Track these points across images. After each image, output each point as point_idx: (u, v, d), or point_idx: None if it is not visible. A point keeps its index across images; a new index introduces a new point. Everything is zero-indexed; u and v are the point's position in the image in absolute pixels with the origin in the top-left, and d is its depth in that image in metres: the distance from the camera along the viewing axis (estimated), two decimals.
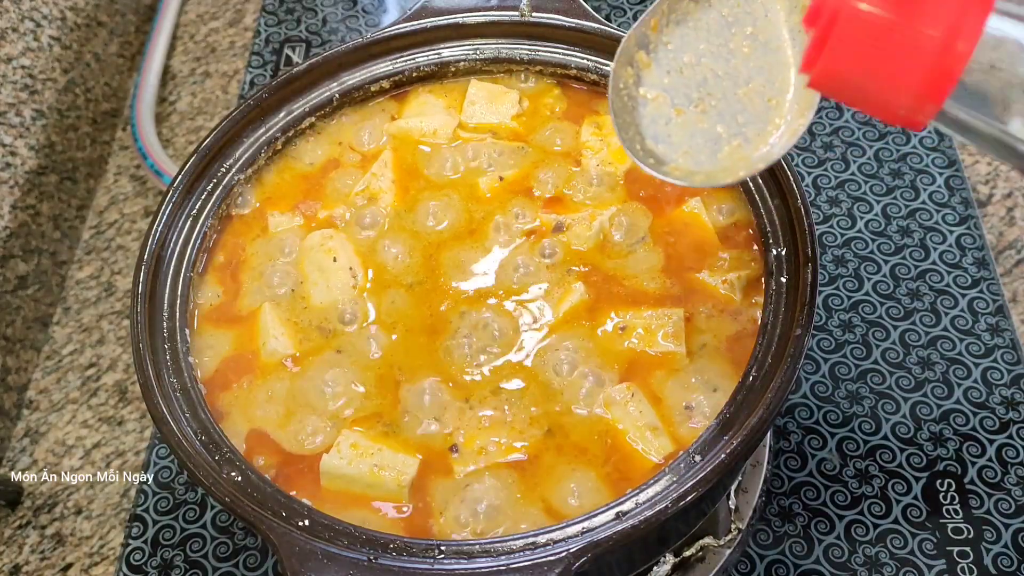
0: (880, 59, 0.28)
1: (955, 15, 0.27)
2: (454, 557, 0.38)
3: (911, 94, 0.28)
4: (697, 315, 0.46)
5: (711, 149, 0.40)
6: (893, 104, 0.29)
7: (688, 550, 0.50)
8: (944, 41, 0.27)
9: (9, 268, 0.65)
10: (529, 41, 0.56)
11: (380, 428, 0.44)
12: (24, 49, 0.70)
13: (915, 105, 0.28)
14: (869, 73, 0.28)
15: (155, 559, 0.55)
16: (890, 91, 0.28)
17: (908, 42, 0.27)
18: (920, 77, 0.27)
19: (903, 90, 0.28)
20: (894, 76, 0.28)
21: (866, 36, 0.28)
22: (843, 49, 0.28)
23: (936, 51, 0.27)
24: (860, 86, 0.29)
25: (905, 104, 0.28)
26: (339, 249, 0.50)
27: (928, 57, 0.27)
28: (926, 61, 0.27)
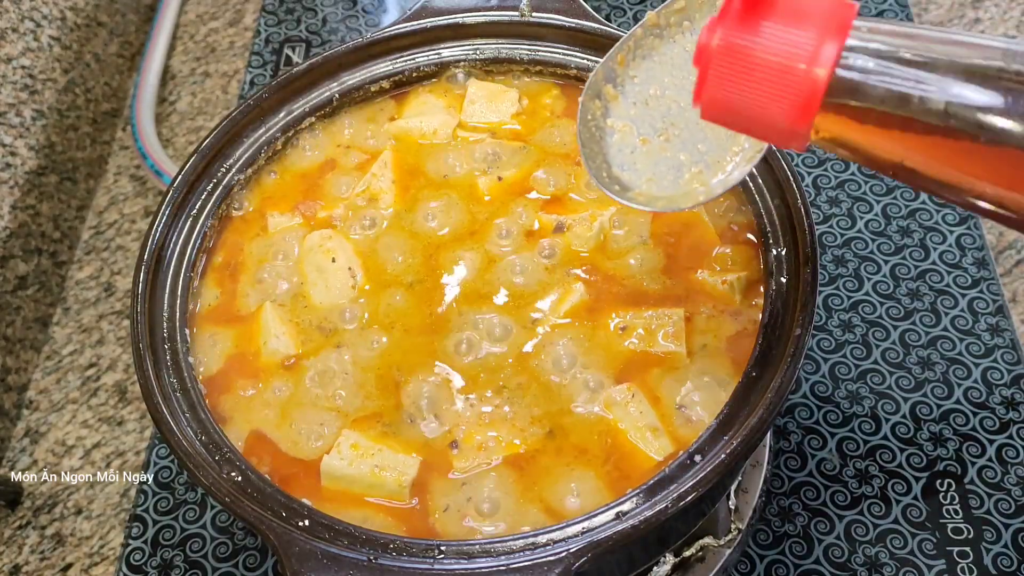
0: (752, 89, 0.31)
1: (813, 45, 0.29)
2: (454, 557, 0.38)
3: (784, 118, 0.30)
4: (697, 315, 0.46)
5: (674, 176, 0.42)
6: (773, 128, 0.31)
7: (688, 550, 0.50)
8: (806, 70, 0.29)
9: (9, 268, 0.65)
10: (529, 41, 0.56)
11: (380, 428, 0.44)
12: (24, 49, 0.70)
13: (790, 128, 0.31)
14: (745, 102, 0.31)
15: (155, 559, 0.55)
16: (767, 117, 0.31)
17: (774, 72, 0.30)
18: (789, 103, 0.30)
19: (777, 115, 0.30)
20: (767, 103, 0.31)
21: (736, 69, 0.31)
22: (719, 82, 0.31)
23: (799, 78, 0.30)
24: (741, 114, 0.32)
25: (783, 127, 0.31)
26: (338, 249, 0.50)
27: (792, 84, 0.30)
28: (791, 88, 0.30)
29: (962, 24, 0.79)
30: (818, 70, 0.29)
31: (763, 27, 0.30)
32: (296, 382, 0.46)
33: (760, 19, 0.30)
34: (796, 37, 0.30)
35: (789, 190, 0.46)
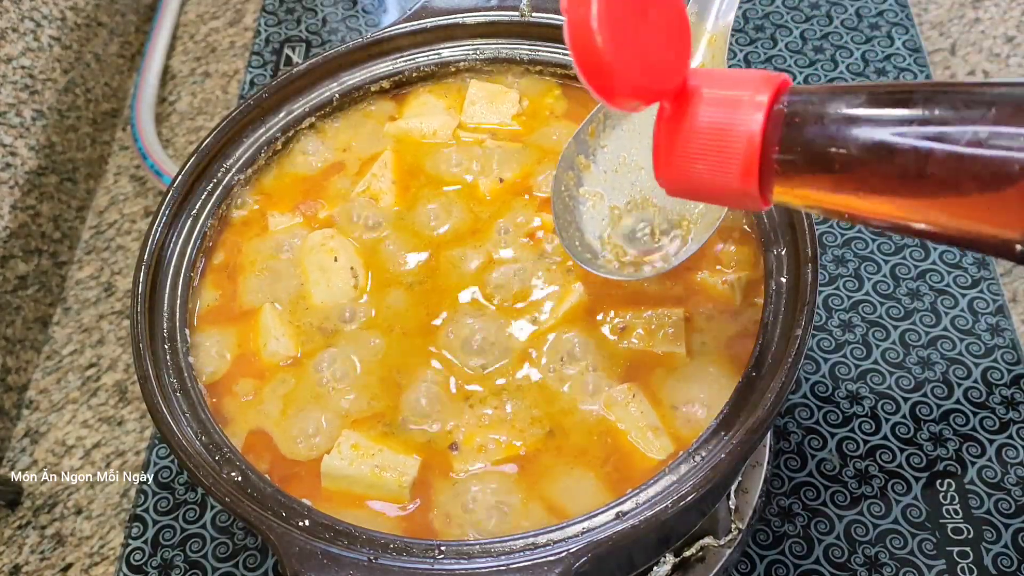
0: (699, 163, 0.33)
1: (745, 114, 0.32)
2: (454, 557, 0.38)
3: (733, 181, 0.33)
4: (697, 315, 0.46)
5: (642, 244, 0.45)
6: (728, 193, 0.34)
7: (688, 550, 0.50)
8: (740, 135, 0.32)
9: (9, 268, 0.65)
10: (529, 41, 0.56)
11: (381, 428, 0.44)
12: (24, 49, 0.70)
13: (741, 189, 0.33)
14: (696, 176, 0.34)
15: (155, 559, 0.55)
16: (718, 184, 0.33)
17: (713, 144, 0.33)
18: (732, 167, 0.33)
19: (726, 180, 0.33)
20: (714, 172, 0.33)
21: (682, 149, 0.34)
22: (669, 163, 0.34)
23: (734, 144, 0.32)
24: (697, 187, 0.35)
25: (735, 190, 0.33)
26: (340, 249, 0.50)
27: (730, 150, 0.32)
28: (730, 154, 0.32)
29: (962, 24, 0.79)
30: (751, 132, 0.32)
31: (698, 111, 0.33)
32: (296, 382, 0.46)
33: (694, 106, 0.33)
34: (727, 112, 0.32)
35: None
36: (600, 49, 0.31)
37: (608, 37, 0.31)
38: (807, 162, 0.32)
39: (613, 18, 0.31)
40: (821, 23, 0.78)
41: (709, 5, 0.44)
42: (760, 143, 0.32)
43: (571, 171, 0.46)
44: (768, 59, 0.76)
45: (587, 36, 0.31)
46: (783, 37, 0.77)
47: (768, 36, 0.78)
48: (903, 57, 0.75)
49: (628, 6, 0.32)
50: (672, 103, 0.34)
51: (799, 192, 0.33)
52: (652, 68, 0.32)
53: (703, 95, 0.33)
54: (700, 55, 0.44)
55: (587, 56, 0.32)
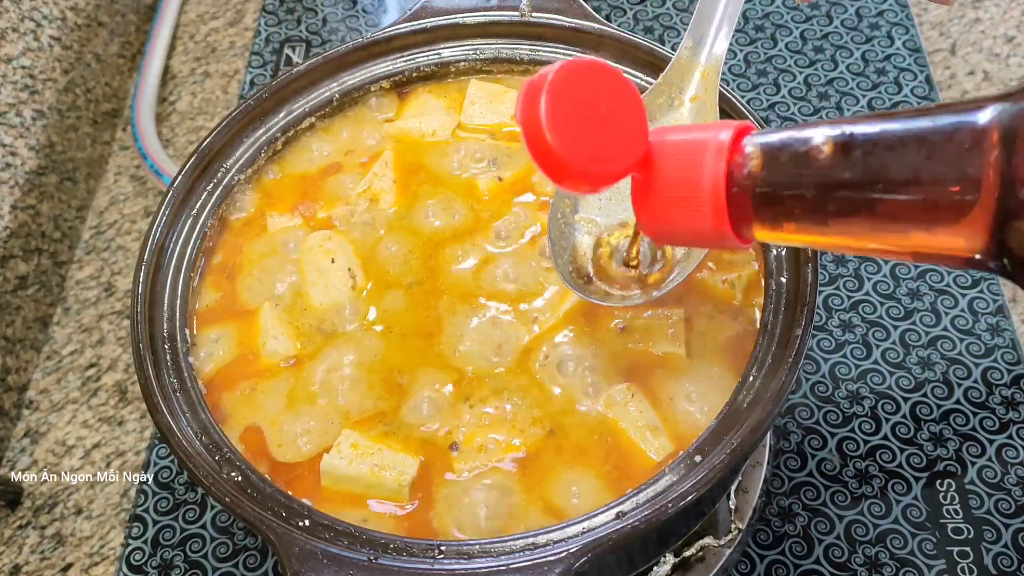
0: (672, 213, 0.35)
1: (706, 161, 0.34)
2: (454, 557, 0.38)
3: (707, 225, 0.35)
4: (697, 315, 0.46)
5: (636, 270, 0.45)
6: (706, 236, 0.35)
7: (688, 550, 0.50)
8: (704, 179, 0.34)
9: (9, 268, 0.65)
10: (529, 41, 0.56)
11: (380, 428, 0.44)
12: (24, 49, 0.70)
13: (717, 231, 0.35)
14: (674, 226, 0.36)
15: (155, 559, 0.55)
16: (695, 230, 0.35)
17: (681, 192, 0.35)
18: (703, 211, 0.34)
19: (701, 225, 0.35)
20: (688, 219, 0.35)
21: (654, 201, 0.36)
22: (648, 217, 0.37)
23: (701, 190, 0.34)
24: (676, 234, 0.37)
25: (711, 232, 0.35)
26: (338, 250, 0.50)
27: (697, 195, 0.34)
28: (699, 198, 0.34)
29: (962, 24, 0.79)
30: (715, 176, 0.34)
31: (664, 167, 0.35)
32: (295, 382, 0.46)
33: (659, 169, 0.35)
34: (692, 161, 0.34)
35: None
36: (553, 147, 0.33)
37: (558, 137, 0.33)
38: (771, 202, 0.33)
39: (562, 119, 0.33)
40: (821, 23, 0.78)
41: (704, 40, 0.45)
42: (724, 187, 0.34)
43: (567, 198, 0.47)
44: (768, 59, 0.76)
45: (539, 136, 0.33)
46: (783, 37, 0.77)
47: (768, 36, 0.78)
48: (903, 57, 0.75)
49: (577, 104, 0.34)
50: (639, 170, 0.36)
51: (771, 229, 0.34)
52: (608, 154, 0.34)
53: (665, 153, 0.35)
54: (693, 88, 0.46)
55: (543, 155, 0.34)
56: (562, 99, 0.33)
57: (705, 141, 0.34)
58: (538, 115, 0.33)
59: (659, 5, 0.81)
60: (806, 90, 0.74)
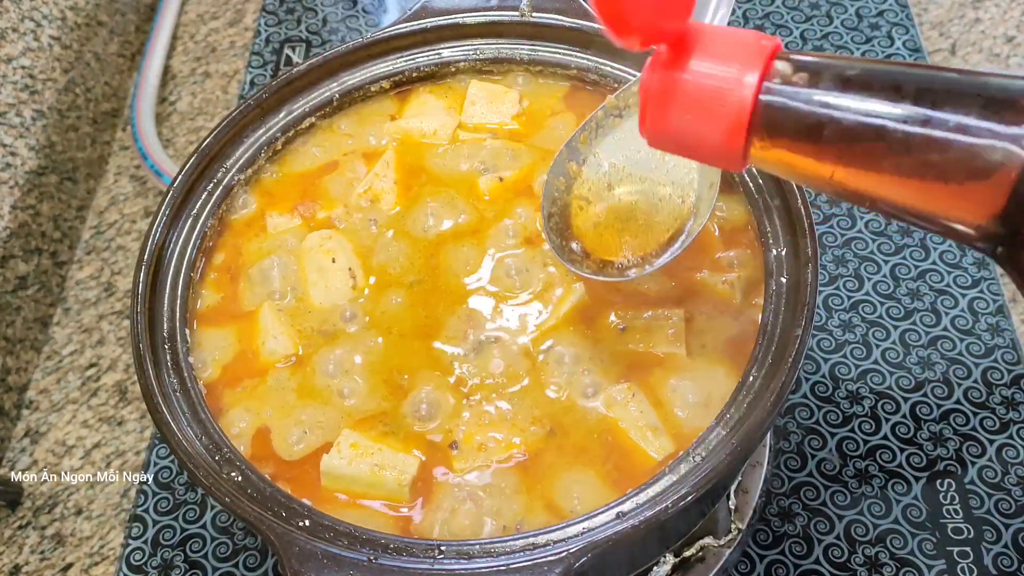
0: (687, 115, 0.34)
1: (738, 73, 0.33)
2: (454, 557, 0.38)
3: (719, 138, 0.34)
4: (697, 315, 0.46)
5: (631, 245, 0.45)
6: (710, 149, 0.34)
7: (688, 550, 0.50)
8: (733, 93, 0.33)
9: (9, 268, 0.65)
10: (529, 41, 0.56)
11: (380, 428, 0.44)
12: (24, 49, 0.70)
13: (725, 146, 0.34)
14: (683, 128, 0.34)
15: (155, 559, 0.55)
16: (703, 139, 0.34)
17: (705, 98, 0.33)
18: (721, 124, 0.33)
19: (712, 136, 0.34)
20: (701, 127, 0.34)
21: (672, 100, 0.34)
22: (659, 112, 0.35)
23: (727, 101, 0.33)
24: (680, 140, 0.35)
25: (718, 147, 0.34)
26: (338, 250, 0.50)
27: (722, 107, 0.33)
28: (722, 110, 0.33)
29: (962, 24, 0.79)
30: (744, 92, 0.33)
31: (694, 62, 0.33)
32: (296, 382, 0.46)
33: (691, 56, 0.34)
34: (723, 68, 0.33)
35: (789, 190, 0.46)
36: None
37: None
38: (790, 130, 0.32)
39: None
40: (821, 23, 0.78)
41: (702, 16, 0.45)
42: (751, 105, 0.33)
43: (562, 177, 0.47)
44: None
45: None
46: (783, 37, 0.77)
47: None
48: (903, 57, 0.75)
49: None
50: (670, 48, 0.34)
51: (777, 156, 0.34)
52: (659, 5, 0.33)
53: (701, 48, 0.33)
54: None
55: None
56: None
57: (743, 50, 0.33)
58: None
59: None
60: None
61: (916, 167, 0.30)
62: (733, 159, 0.34)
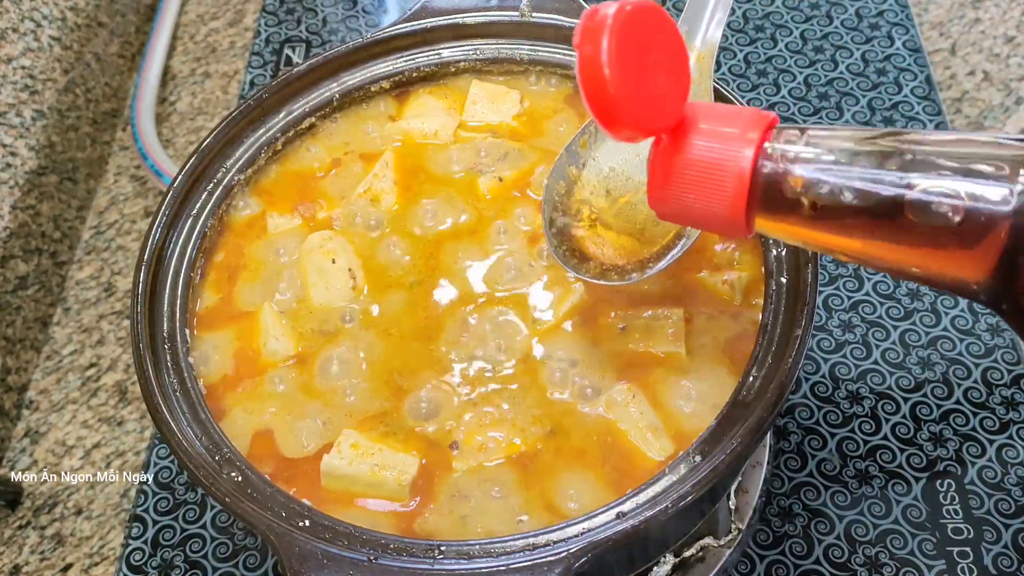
0: (691, 191, 0.36)
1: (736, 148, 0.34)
2: (454, 557, 0.38)
3: (722, 211, 0.35)
4: (697, 315, 0.46)
5: (629, 249, 0.45)
6: (715, 221, 0.36)
7: (688, 550, 0.50)
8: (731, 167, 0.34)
9: (9, 268, 0.65)
10: (529, 41, 0.56)
11: (381, 428, 0.44)
12: (24, 49, 0.70)
13: (729, 218, 0.35)
14: (687, 203, 0.36)
15: (155, 559, 0.55)
16: (707, 212, 0.36)
17: (706, 175, 0.35)
18: (722, 197, 0.35)
19: (716, 209, 0.35)
20: (705, 201, 0.35)
21: (676, 177, 0.36)
22: (663, 190, 0.36)
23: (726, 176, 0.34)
24: (686, 213, 0.37)
25: (723, 219, 0.35)
26: (338, 251, 0.50)
27: (722, 181, 0.35)
28: (722, 185, 0.35)
29: (962, 24, 0.79)
30: (740, 169, 0.34)
31: (692, 145, 0.35)
32: (296, 383, 0.46)
33: (689, 139, 0.35)
34: (720, 148, 0.35)
35: None
36: (608, 84, 0.33)
37: (616, 74, 0.33)
38: (786, 202, 0.34)
39: (621, 56, 0.33)
40: (821, 23, 0.78)
41: (698, 25, 0.45)
42: (749, 177, 0.34)
43: (562, 180, 0.47)
44: (768, 59, 0.76)
45: (597, 71, 0.33)
46: (783, 37, 0.77)
47: (768, 36, 0.78)
48: (903, 57, 0.75)
49: (635, 45, 0.34)
50: (669, 135, 0.36)
51: (779, 225, 0.35)
52: (654, 104, 0.34)
53: (699, 129, 0.35)
54: None
55: (595, 90, 0.33)
56: (624, 38, 0.33)
57: (740, 126, 0.35)
58: (600, 50, 0.33)
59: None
60: (806, 90, 0.74)
61: (907, 235, 0.32)
62: (738, 230, 0.36)
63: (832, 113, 0.72)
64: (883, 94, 0.73)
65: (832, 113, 0.72)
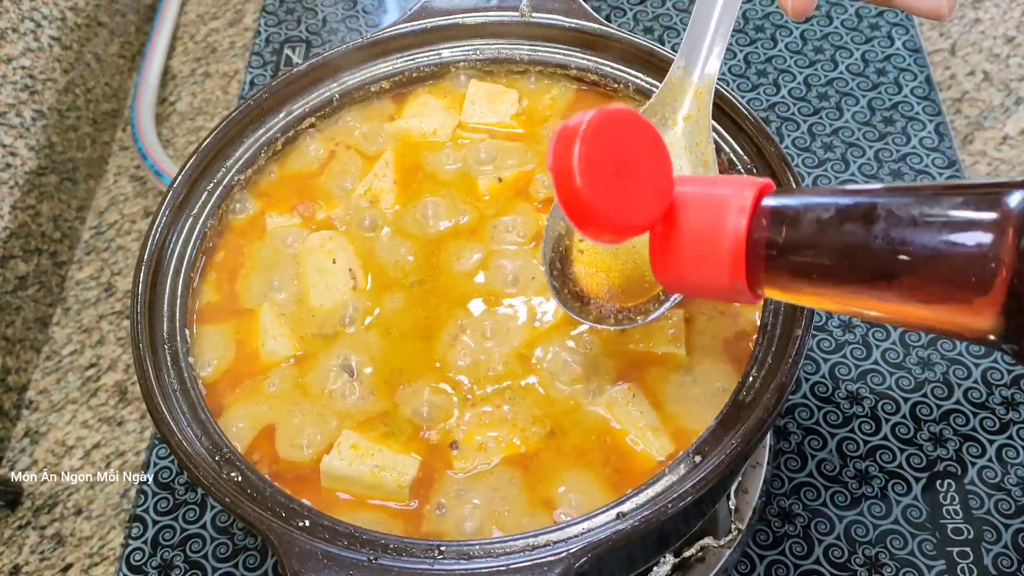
0: (690, 267, 0.36)
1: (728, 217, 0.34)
2: (454, 557, 0.38)
3: (723, 280, 0.35)
4: (697, 315, 0.46)
5: (632, 291, 0.45)
6: (719, 290, 0.36)
7: (688, 550, 0.50)
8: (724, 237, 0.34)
9: (9, 268, 0.65)
10: (529, 41, 0.56)
11: (381, 428, 0.44)
12: (24, 49, 0.70)
13: (731, 286, 0.35)
14: (688, 279, 0.36)
15: (155, 559, 0.55)
16: (710, 283, 0.36)
17: (701, 248, 0.35)
18: (720, 267, 0.35)
19: (716, 279, 0.35)
20: (704, 273, 0.35)
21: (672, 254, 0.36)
22: (664, 267, 0.37)
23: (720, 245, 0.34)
24: (691, 287, 0.37)
25: (725, 287, 0.35)
26: (339, 251, 0.50)
27: (716, 251, 0.35)
28: (717, 254, 0.35)
29: (962, 24, 0.79)
30: (736, 233, 0.34)
31: (686, 220, 0.35)
32: (295, 383, 0.46)
33: (680, 222, 0.35)
34: (713, 216, 0.35)
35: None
36: (583, 198, 0.33)
37: (589, 186, 0.33)
38: (788, 262, 0.34)
39: (593, 169, 0.33)
40: (821, 23, 0.78)
41: (695, 58, 0.45)
42: (744, 245, 0.34)
43: (563, 221, 0.46)
44: (768, 59, 0.76)
45: (569, 181, 0.33)
46: (783, 37, 0.77)
47: (768, 36, 0.78)
48: (903, 57, 0.75)
49: (609, 152, 0.34)
50: (661, 222, 0.36)
51: (781, 291, 0.35)
52: (633, 204, 0.35)
53: (688, 207, 0.35)
54: (686, 107, 0.46)
55: (573, 205, 0.34)
56: (595, 147, 0.33)
57: (727, 199, 0.35)
58: (571, 162, 0.33)
59: (659, 5, 0.81)
60: (806, 90, 0.74)
61: (907, 289, 0.32)
62: (744, 296, 0.36)
63: (832, 113, 0.72)
64: (883, 94, 0.73)
65: (832, 113, 0.72)
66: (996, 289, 0.29)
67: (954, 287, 0.30)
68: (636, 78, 0.53)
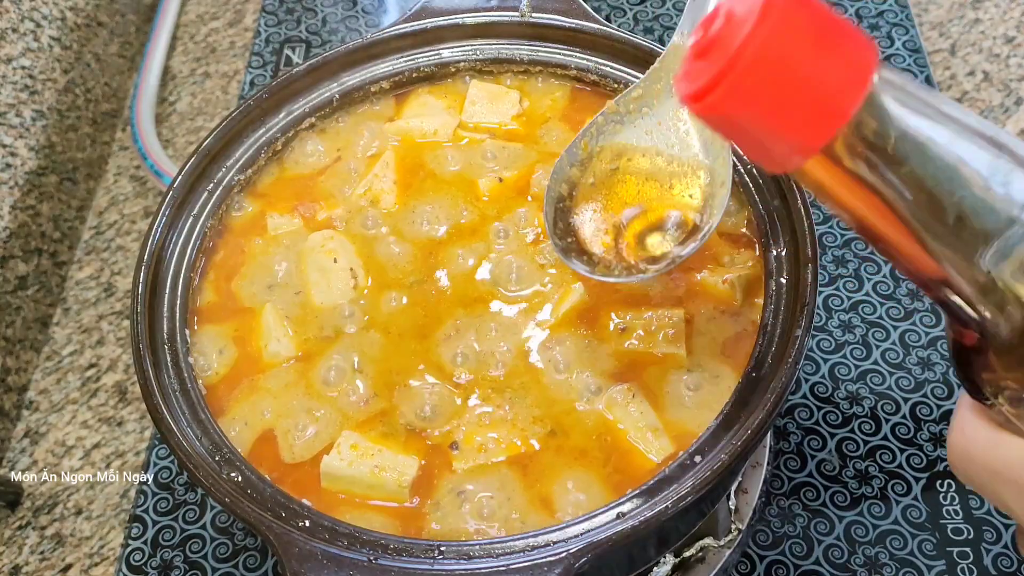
0: (773, 102, 0.28)
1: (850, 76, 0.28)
2: (454, 557, 0.38)
3: (796, 140, 0.29)
4: (697, 316, 0.46)
5: (636, 247, 0.45)
6: (775, 145, 0.29)
7: (688, 550, 0.50)
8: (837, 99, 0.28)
9: (9, 268, 0.65)
10: (529, 41, 0.56)
11: (381, 429, 0.44)
12: (24, 49, 0.70)
13: (793, 150, 0.29)
14: (756, 113, 0.29)
15: (155, 559, 0.55)
16: (777, 134, 0.29)
17: (802, 93, 0.28)
18: (804, 127, 0.28)
19: (786, 135, 0.29)
20: (780, 121, 0.28)
21: (763, 78, 0.28)
22: (738, 85, 0.28)
23: (826, 105, 0.28)
24: (747, 124, 0.29)
25: (787, 146, 0.29)
26: (339, 250, 0.50)
27: (816, 109, 0.28)
28: (814, 113, 0.28)
29: (962, 24, 0.79)
30: (849, 99, 0.28)
31: (805, 45, 0.28)
32: (296, 383, 0.46)
33: (802, 35, 0.28)
34: (836, 64, 0.28)
35: (789, 191, 0.46)
36: None
37: None
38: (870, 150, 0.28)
39: None
40: None
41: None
42: (848, 116, 0.28)
43: (564, 183, 0.47)
44: None
45: None
46: None
47: None
48: (903, 57, 0.75)
49: None
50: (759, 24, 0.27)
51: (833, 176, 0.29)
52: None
53: (812, 28, 0.28)
54: None
55: None
56: None
57: (856, 50, 0.28)
58: None
59: (659, 5, 0.81)
60: None
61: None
62: (790, 162, 0.30)
63: None
64: None
65: None
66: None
67: None
68: (636, 78, 0.53)
